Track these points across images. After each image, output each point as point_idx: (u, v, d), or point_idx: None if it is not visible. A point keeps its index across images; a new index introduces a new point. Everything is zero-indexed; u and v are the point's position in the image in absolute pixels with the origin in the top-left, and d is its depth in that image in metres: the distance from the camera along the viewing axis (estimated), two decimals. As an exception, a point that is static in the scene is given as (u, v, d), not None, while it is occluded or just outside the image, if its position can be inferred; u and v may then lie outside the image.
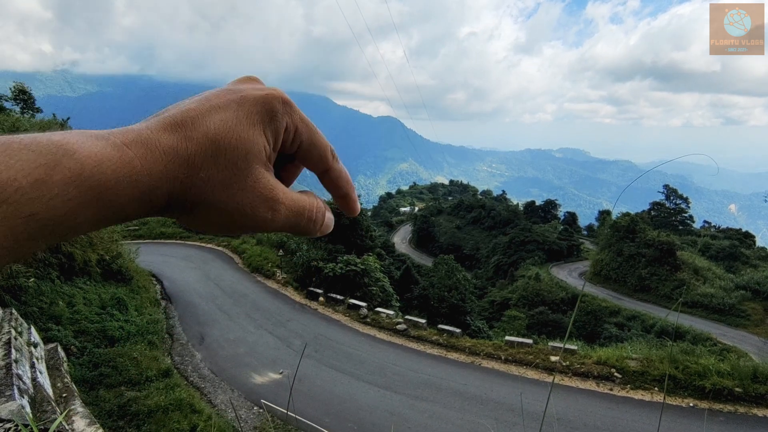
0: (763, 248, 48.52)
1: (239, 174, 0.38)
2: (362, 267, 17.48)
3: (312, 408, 9.15)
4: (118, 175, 0.31)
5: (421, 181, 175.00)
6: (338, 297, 16.10)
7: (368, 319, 14.36)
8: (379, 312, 14.78)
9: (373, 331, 13.70)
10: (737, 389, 8.37)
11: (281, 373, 10.98)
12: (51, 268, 11.46)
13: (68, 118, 20.10)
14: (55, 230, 0.28)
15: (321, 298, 16.31)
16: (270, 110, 0.41)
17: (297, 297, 16.81)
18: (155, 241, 24.52)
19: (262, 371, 10.99)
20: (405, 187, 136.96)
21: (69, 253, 12.24)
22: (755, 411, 8.14)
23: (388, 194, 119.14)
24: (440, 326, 13.52)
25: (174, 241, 25.01)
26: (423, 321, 13.95)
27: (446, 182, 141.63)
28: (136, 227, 25.28)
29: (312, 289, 17.02)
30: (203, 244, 24.24)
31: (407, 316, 14.47)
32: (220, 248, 23.41)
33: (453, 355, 11.91)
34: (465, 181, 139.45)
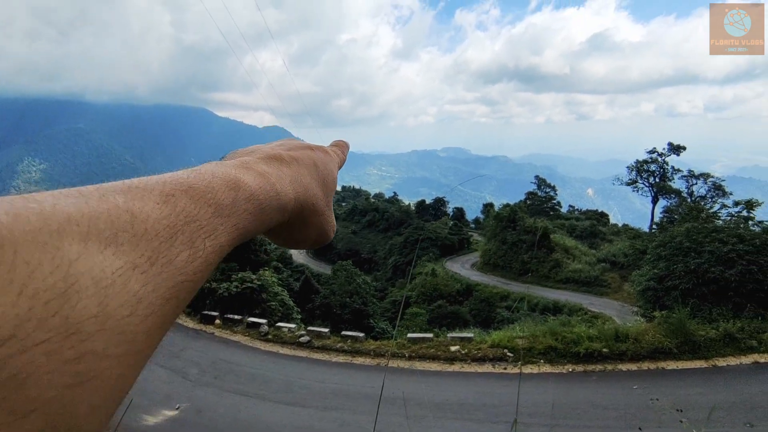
0: (615, 225, 56.29)
1: (329, 198, 0.53)
2: (259, 283, 16.82)
3: (215, 439, 8.55)
4: (267, 193, 0.39)
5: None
6: (236, 317, 15.28)
7: (269, 336, 13.84)
8: (280, 327, 14.32)
9: (275, 348, 13.22)
10: (604, 350, 9.56)
11: (177, 408, 10.08)
12: None
13: None
14: (244, 236, 0.36)
15: (217, 321, 15.34)
16: (340, 162, 0.65)
17: (190, 323, 15.63)
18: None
19: (155, 410, 9.99)
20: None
21: None
22: (620, 366, 9.35)
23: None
24: (344, 333, 13.50)
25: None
26: (326, 330, 13.81)
27: (339, 189, 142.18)
28: None
29: (206, 312, 15.94)
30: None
31: (310, 327, 14.22)
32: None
33: (359, 360, 11.96)
34: (357, 186, 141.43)
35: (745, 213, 33.38)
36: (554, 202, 64.59)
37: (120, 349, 0.22)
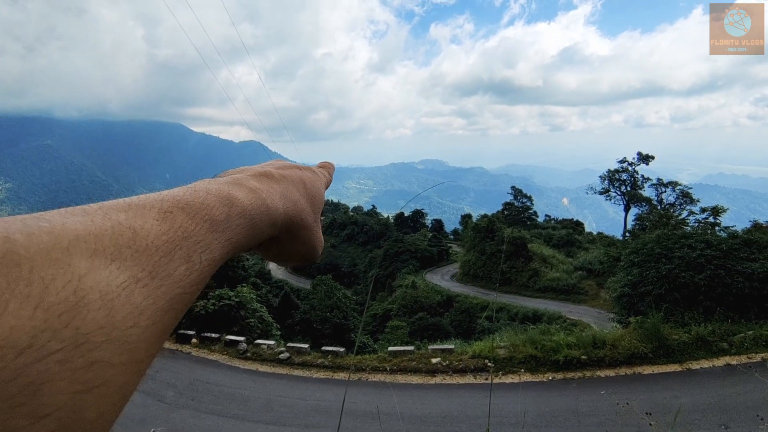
0: (590, 233, 57.47)
1: (317, 215, 0.55)
2: (237, 300, 16.52)
3: (193, 463, 8.29)
4: (259, 208, 0.41)
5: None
6: (213, 335, 14.93)
7: (248, 354, 13.57)
8: (259, 344, 14.06)
9: (255, 366, 12.96)
10: (583, 357, 9.68)
11: (152, 431, 9.77)
12: None
13: None
14: (236, 250, 0.38)
15: (194, 340, 14.97)
16: (327, 183, 0.67)
17: (165, 343, 15.12)
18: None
19: (130, 435, 9.66)
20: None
21: None
22: (599, 373, 9.48)
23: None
24: (324, 348, 13.33)
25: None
26: (306, 346, 13.62)
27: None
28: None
29: (182, 331, 15.54)
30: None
31: (290, 344, 14.00)
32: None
33: (340, 375, 11.81)
34: (336, 200, 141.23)
35: (711, 219, 34.59)
36: (531, 212, 65.65)
37: (124, 357, 0.23)
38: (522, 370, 9.95)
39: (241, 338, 14.44)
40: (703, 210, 37.04)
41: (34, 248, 0.22)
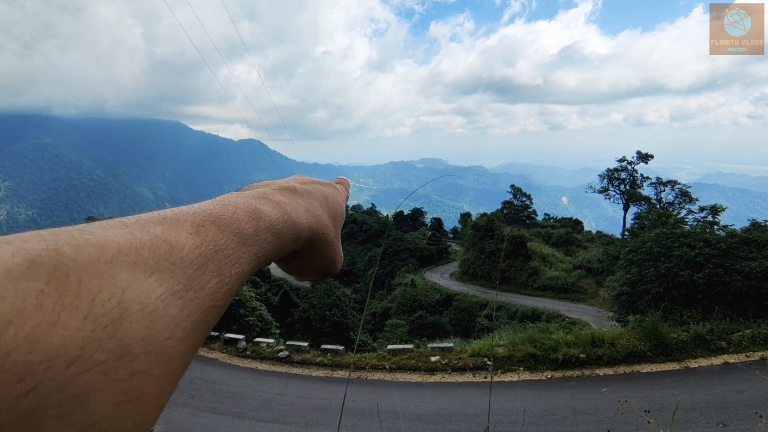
0: (589, 232, 57.54)
1: (338, 230, 0.55)
2: (236, 298, 16.51)
3: (192, 461, 8.30)
4: (285, 222, 0.42)
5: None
6: (213, 334, 14.95)
7: (248, 352, 13.59)
8: (258, 342, 14.08)
9: (254, 364, 12.98)
10: (582, 355, 9.70)
11: (151, 430, 9.78)
12: None
13: None
14: (263, 263, 0.39)
15: (193, 338, 14.99)
16: (345, 198, 0.66)
17: (164, 341, 15.23)
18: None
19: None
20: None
21: None
22: (597, 371, 9.50)
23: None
24: (323, 346, 13.35)
25: None
26: (305, 344, 13.64)
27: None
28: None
29: (181, 329, 15.56)
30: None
31: (289, 342, 14.02)
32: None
33: (339, 374, 11.83)
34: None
35: (710, 218, 34.68)
36: (530, 210, 65.69)
37: (161, 369, 0.24)
38: (521, 368, 9.98)
39: (241, 336, 14.46)
40: (702, 209, 37.20)
41: (82, 260, 0.23)
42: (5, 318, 0.18)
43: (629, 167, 57.20)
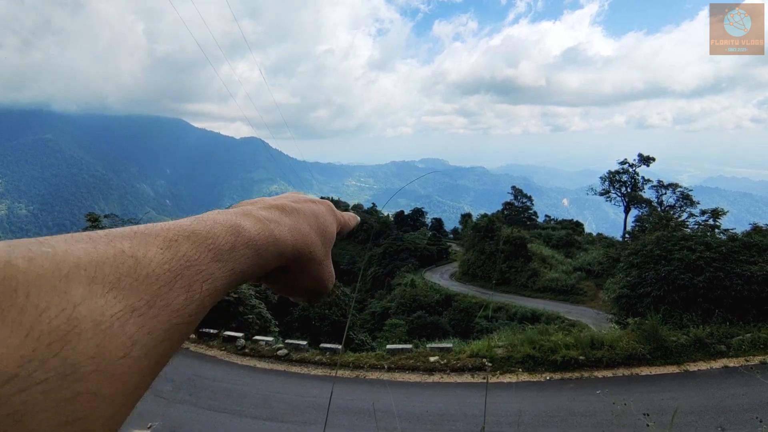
0: (590, 234, 57.53)
1: (327, 249, 0.54)
2: (235, 296, 16.52)
3: (189, 458, 8.29)
4: (266, 239, 0.41)
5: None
6: (211, 331, 14.95)
7: (246, 350, 13.58)
8: (257, 340, 14.08)
9: (252, 362, 12.97)
10: (581, 357, 9.68)
11: (150, 427, 9.76)
12: None
13: None
14: (240, 280, 0.38)
15: (192, 335, 14.97)
16: (339, 222, 0.64)
17: (163, 338, 15.20)
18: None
19: (125, 429, 9.65)
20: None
21: None
22: (596, 373, 9.48)
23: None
24: (322, 345, 13.35)
25: None
26: (304, 343, 13.63)
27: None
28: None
29: (180, 327, 15.54)
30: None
31: (288, 340, 14.01)
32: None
33: (338, 373, 11.82)
34: (336, 197, 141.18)
35: (711, 221, 34.61)
36: (531, 212, 65.76)
37: (113, 388, 0.23)
38: (519, 369, 9.97)
39: (240, 334, 14.45)
40: (703, 212, 37.10)
41: (33, 274, 0.22)
42: None
43: (630, 170, 57.14)
